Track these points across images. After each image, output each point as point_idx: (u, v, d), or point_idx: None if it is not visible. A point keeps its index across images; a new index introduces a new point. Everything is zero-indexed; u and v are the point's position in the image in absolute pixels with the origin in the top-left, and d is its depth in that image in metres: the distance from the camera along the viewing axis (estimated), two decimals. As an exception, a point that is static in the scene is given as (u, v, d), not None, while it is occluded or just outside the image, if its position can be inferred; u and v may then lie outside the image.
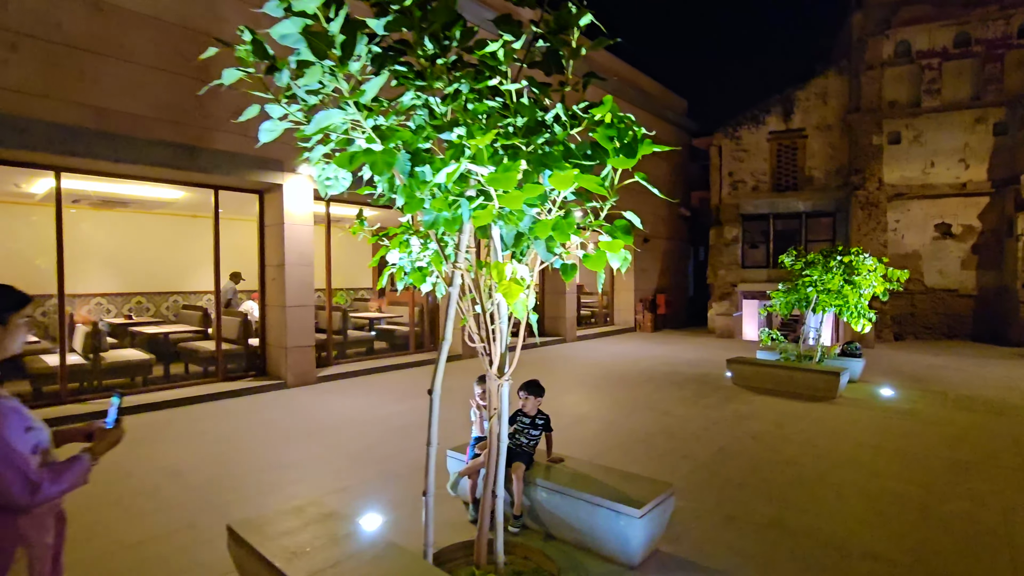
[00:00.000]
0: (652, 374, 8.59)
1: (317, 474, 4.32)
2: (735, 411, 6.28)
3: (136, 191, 7.76)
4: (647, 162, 15.32)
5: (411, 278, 3.19)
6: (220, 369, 7.44)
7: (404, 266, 3.21)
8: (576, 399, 7.05)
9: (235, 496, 3.84)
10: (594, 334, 13.67)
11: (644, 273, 15.55)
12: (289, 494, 3.86)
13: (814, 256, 7.54)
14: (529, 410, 3.45)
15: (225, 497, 3.81)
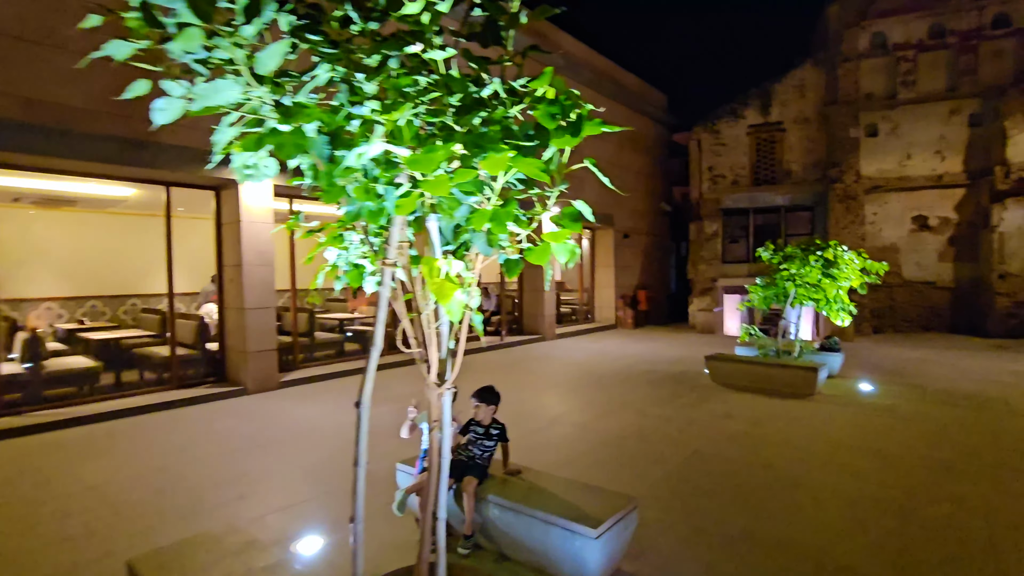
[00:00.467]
0: (630, 373, 8.38)
1: (265, 490, 4.01)
2: (711, 411, 6.07)
3: (82, 189, 7.33)
4: (625, 156, 15.13)
5: (348, 277, 2.90)
6: (175, 376, 7.06)
7: (340, 264, 2.93)
8: (550, 400, 6.80)
9: (163, 519, 3.51)
10: (574, 332, 13.45)
11: (625, 269, 15.36)
12: (225, 516, 3.54)
13: (791, 249, 7.37)
14: (482, 419, 3.17)
15: (150, 521, 3.48)
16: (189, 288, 10.52)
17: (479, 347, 10.73)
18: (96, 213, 9.23)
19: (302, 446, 4.97)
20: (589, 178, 13.96)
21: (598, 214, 13.19)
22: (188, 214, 9.69)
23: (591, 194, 14.19)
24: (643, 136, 16.26)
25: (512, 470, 3.21)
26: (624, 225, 15.27)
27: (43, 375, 6.22)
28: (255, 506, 3.70)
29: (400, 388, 7.02)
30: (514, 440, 5.08)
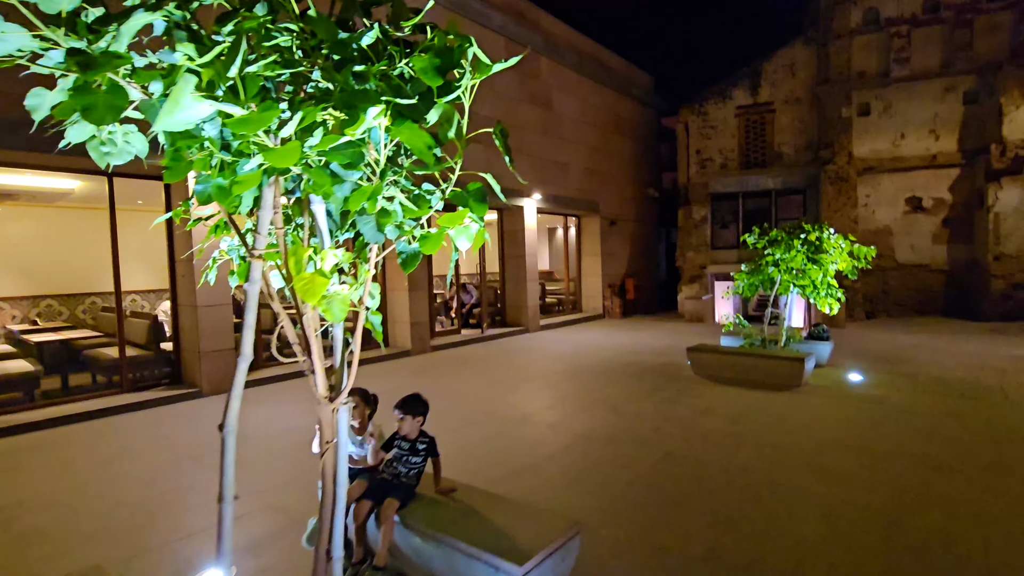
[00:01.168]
0: (612, 365, 8.01)
1: (184, 509, 3.62)
2: (691, 406, 5.70)
3: (18, 181, 6.86)
4: (611, 141, 14.66)
5: (237, 272, 2.50)
6: (125, 378, 6.65)
7: (232, 256, 2.53)
8: (522, 397, 6.43)
9: (64, 547, 3.13)
10: (560, 323, 13.07)
11: (612, 257, 14.96)
12: (132, 542, 3.15)
13: (776, 233, 6.97)
14: (408, 432, 2.78)
15: (49, 549, 3.09)
16: (157, 285, 10.10)
17: (458, 340, 10.35)
18: (45, 208, 8.76)
19: (244, 456, 4.57)
20: (575, 162, 13.55)
21: (582, 200, 12.82)
22: (148, 207, 9.25)
23: (576, 178, 13.80)
24: (629, 120, 15.78)
25: (444, 489, 2.83)
26: (611, 211, 14.84)
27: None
28: (167, 529, 3.31)
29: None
30: (474, 442, 4.74)
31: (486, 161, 10.82)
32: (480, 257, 11.59)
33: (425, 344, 9.55)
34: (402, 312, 9.46)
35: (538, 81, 12.25)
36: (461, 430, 5.06)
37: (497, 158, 11.09)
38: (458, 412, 5.68)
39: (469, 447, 4.57)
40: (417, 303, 9.42)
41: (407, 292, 9.33)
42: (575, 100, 13.49)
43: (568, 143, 13.24)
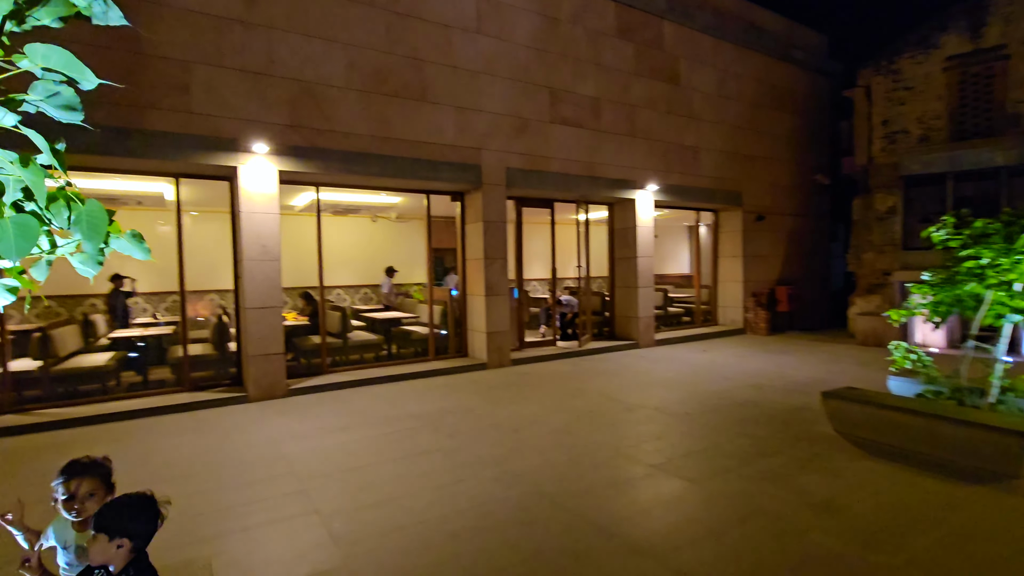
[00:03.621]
0: (722, 402, 6.03)
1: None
2: (806, 493, 3.70)
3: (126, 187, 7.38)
4: (762, 117, 11.99)
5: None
6: (186, 377, 6.71)
7: None
8: (564, 446, 4.92)
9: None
10: (682, 337, 10.95)
11: (759, 260, 12.24)
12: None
13: (983, 224, 4.41)
14: (104, 561, 1.57)
15: None
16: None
17: (548, 354, 9.06)
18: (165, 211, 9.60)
19: (228, 479, 3.94)
20: (708, 145, 11.27)
21: (717, 191, 10.62)
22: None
23: (709, 164, 11.47)
24: (788, 91, 12.80)
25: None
26: (758, 204, 12.13)
27: (57, 373, 6.23)
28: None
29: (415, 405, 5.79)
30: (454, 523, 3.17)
31: (589, 146, 9.34)
32: (581, 258, 10.11)
33: (504, 357, 8.44)
34: (478, 320, 8.48)
35: (660, 51, 10.33)
36: (457, 485, 3.83)
37: (602, 144, 9.53)
38: (471, 462, 4.43)
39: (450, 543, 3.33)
40: (495, 310, 8.35)
41: (483, 297, 8.31)
42: (711, 71, 11.20)
43: (700, 122, 11.03)
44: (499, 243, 8.40)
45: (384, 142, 7.34)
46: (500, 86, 8.34)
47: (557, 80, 8.97)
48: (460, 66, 7.95)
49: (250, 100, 6.44)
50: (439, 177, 7.82)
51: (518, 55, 8.53)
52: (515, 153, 8.53)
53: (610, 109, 9.62)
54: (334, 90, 6.97)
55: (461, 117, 7.98)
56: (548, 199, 9.63)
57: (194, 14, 6.13)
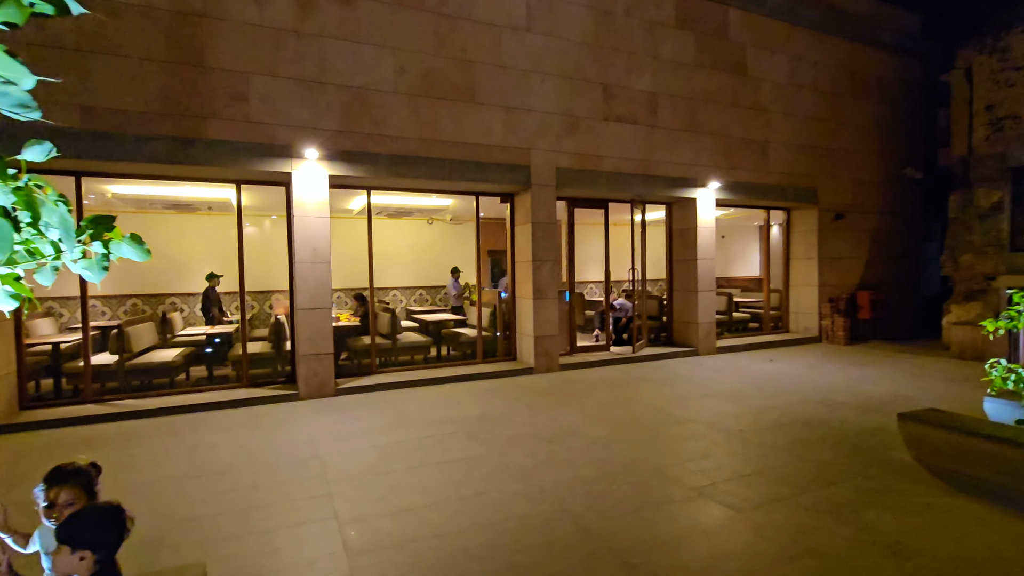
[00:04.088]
0: (783, 419, 5.51)
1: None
2: (872, 531, 3.24)
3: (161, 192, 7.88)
4: (843, 107, 11.04)
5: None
6: (245, 374, 7.03)
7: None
8: (594, 467, 4.63)
9: None
10: (747, 345, 10.24)
11: (837, 262, 11.24)
12: None
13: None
14: (67, 571, 1.55)
15: None
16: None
17: (599, 360, 8.75)
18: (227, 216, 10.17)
19: (242, 481, 4.05)
20: (779, 139, 10.48)
21: (789, 188, 9.93)
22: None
23: (779, 159, 10.65)
24: (874, 77, 11.67)
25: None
26: (836, 201, 11.15)
27: (131, 367, 6.71)
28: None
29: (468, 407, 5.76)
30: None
31: (644, 144, 8.96)
32: (636, 259, 9.69)
33: (552, 362, 8.23)
34: (526, 323, 8.32)
35: (724, 40, 9.73)
36: (479, 498, 3.69)
37: (659, 141, 9.11)
38: (498, 472, 4.28)
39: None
40: (544, 314, 8.16)
41: (531, 300, 8.15)
42: (782, 58, 10.41)
43: (769, 115, 10.28)
44: (549, 245, 8.20)
45: (432, 144, 7.36)
46: (550, 84, 8.15)
47: (611, 76, 8.64)
48: (509, 65, 7.84)
49: (303, 107, 6.65)
50: (487, 178, 7.74)
51: (569, 52, 8.29)
52: (566, 153, 8.30)
53: (668, 104, 9.16)
54: (383, 95, 7.06)
55: (510, 117, 7.86)
56: (601, 199, 9.31)
57: (252, 27, 6.41)
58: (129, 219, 10.11)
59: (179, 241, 10.48)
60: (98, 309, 9.92)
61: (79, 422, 5.82)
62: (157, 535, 3.23)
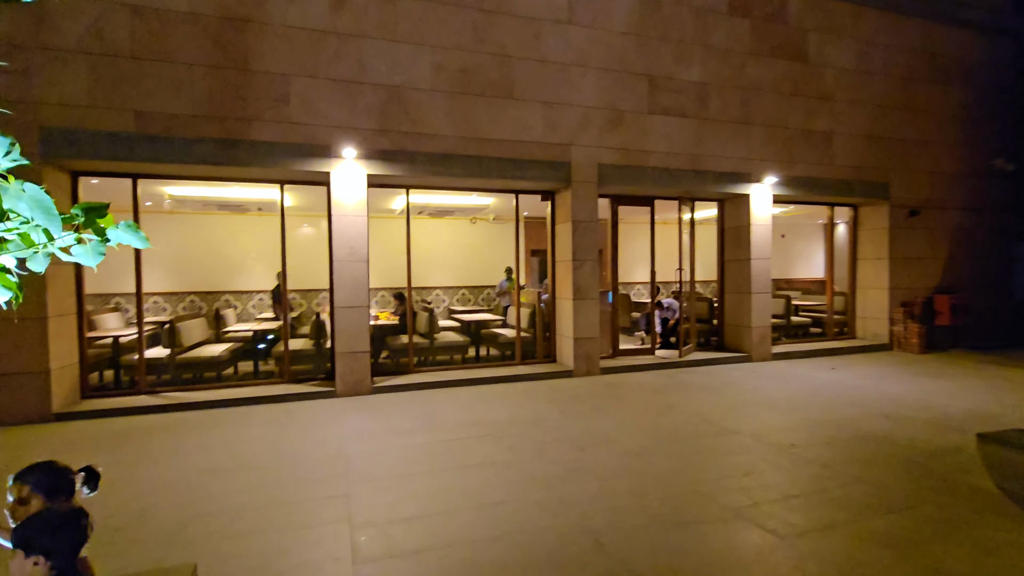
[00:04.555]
0: (842, 434, 5.01)
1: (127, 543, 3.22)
2: (940, 571, 2.81)
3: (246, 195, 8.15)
4: (919, 93, 10.13)
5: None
6: (287, 370, 7.19)
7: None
8: (625, 480, 4.34)
9: None
10: (807, 351, 9.54)
11: (911, 262, 10.30)
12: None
13: None
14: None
15: None
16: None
17: (643, 364, 8.39)
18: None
19: (283, 474, 4.07)
20: (844, 130, 9.71)
21: (856, 183, 9.31)
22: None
23: (845, 151, 9.85)
24: (955, 59, 10.61)
25: None
26: (911, 196, 10.22)
27: (182, 361, 7.01)
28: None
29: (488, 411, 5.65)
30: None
31: (694, 137, 8.52)
32: (684, 259, 9.23)
33: (592, 365, 7.94)
34: (566, 325, 8.07)
35: (782, 25, 9.10)
36: (498, 507, 3.52)
37: (709, 134, 8.64)
38: (521, 480, 4.09)
39: None
40: (584, 315, 7.89)
41: (571, 301, 7.90)
42: (849, 43, 9.64)
43: (833, 104, 9.54)
44: (589, 244, 7.92)
45: (469, 142, 7.27)
46: (592, 77, 7.87)
47: (657, 67, 8.26)
48: (549, 59, 7.63)
49: (342, 107, 6.71)
50: (526, 176, 7.56)
51: (613, 43, 7.99)
52: (608, 148, 8.00)
53: (719, 95, 8.66)
54: (420, 93, 7.03)
55: (549, 113, 7.65)
56: (647, 196, 8.93)
57: (294, 30, 6.53)
58: (186, 220, 10.66)
59: (233, 241, 10.93)
60: (159, 305, 10.50)
61: (132, 412, 6.11)
62: (175, 529, 3.27)
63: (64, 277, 6.16)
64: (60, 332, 6.00)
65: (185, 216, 10.58)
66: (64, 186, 6.26)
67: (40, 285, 5.74)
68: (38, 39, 5.71)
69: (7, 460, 4.56)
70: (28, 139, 5.69)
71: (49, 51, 5.75)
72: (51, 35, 5.74)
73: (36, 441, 5.10)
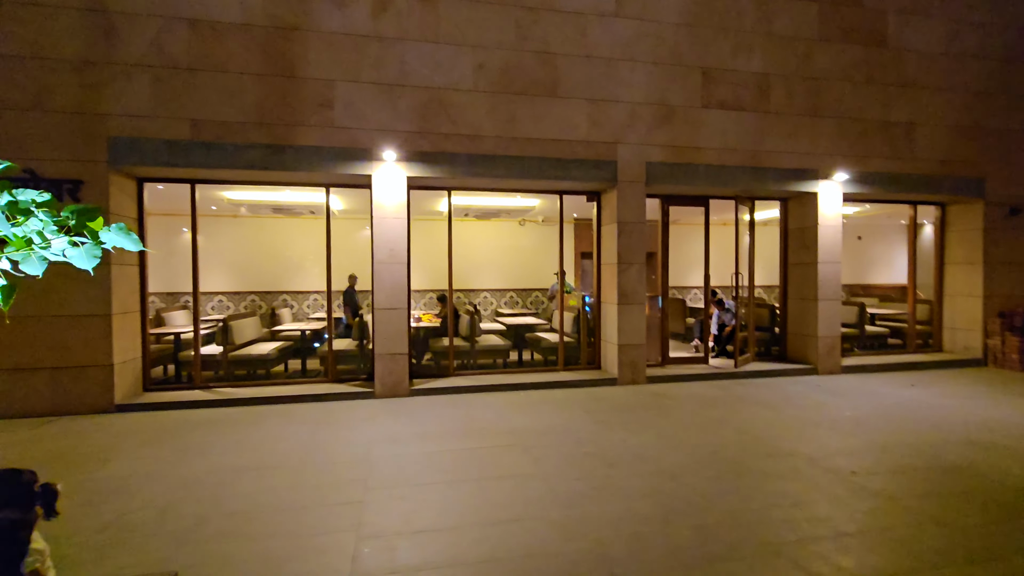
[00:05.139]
0: (917, 463, 4.42)
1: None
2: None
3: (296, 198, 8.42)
4: (1014, 77, 9.00)
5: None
6: (332, 369, 7.32)
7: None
8: (653, 503, 3.98)
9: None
10: (883, 365, 8.65)
11: (1011, 268, 9.13)
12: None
13: None
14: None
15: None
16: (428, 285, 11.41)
17: (694, 373, 7.91)
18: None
19: (305, 477, 4.09)
20: (929, 119, 8.74)
21: (944, 178, 8.48)
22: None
23: (930, 144, 8.85)
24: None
25: None
26: (1013, 193, 9.07)
27: (233, 358, 7.30)
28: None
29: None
30: None
31: (753, 132, 7.97)
32: (742, 262, 8.62)
33: (638, 373, 7.56)
34: (611, 331, 7.74)
35: (856, 7, 8.32)
36: (512, 524, 3.32)
37: (771, 128, 8.05)
38: (541, 497, 3.86)
39: None
40: (629, 320, 7.52)
41: (615, 306, 7.56)
42: (936, 24, 8.68)
43: (916, 91, 8.61)
44: (636, 246, 7.55)
45: (511, 142, 7.12)
46: (641, 72, 7.51)
47: (712, 58, 7.77)
48: (595, 55, 7.35)
49: (383, 110, 6.76)
50: (569, 176, 7.32)
51: (664, 35, 7.58)
52: (657, 145, 7.60)
53: (782, 86, 8.03)
54: (461, 94, 6.96)
55: (594, 110, 7.36)
56: (700, 196, 8.42)
57: (338, 36, 6.64)
58: (248, 223, 11.18)
59: (291, 243, 11.37)
60: (223, 304, 11.09)
61: (185, 407, 6.40)
62: (189, 528, 3.31)
63: (128, 277, 6.55)
64: (123, 329, 6.39)
65: (246, 220, 11.11)
66: (131, 192, 6.68)
67: (104, 285, 6.13)
68: (107, 55, 6.11)
69: (63, 448, 4.86)
70: (98, 149, 6.11)
71: (116, 66, 6.14)
72: (118, 51, 6.13)
73: (93, 430, 5.43)
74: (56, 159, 6.02)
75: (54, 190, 6.00)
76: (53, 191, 6.00)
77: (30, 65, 5.96)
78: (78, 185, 6.08)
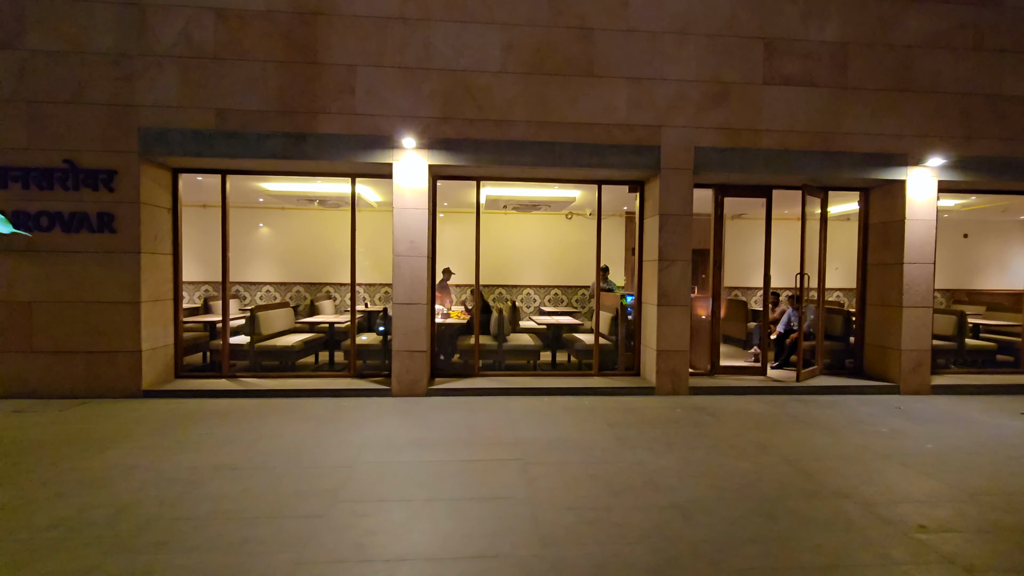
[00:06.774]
0: (1018, 520, 3.48)
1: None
2: None
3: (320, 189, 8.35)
4: None
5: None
6: (353, 364, 7.17)
7: None
8: (654, 547, 3.30)
9: None
10: (983, 386, 7.28)
11: None
12: None
13: None
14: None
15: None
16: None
17: (747, 385, 7.03)
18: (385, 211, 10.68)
19: (289, 481, 3.85)
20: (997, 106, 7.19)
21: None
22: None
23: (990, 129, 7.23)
24: None
25: None
26: None
27: (259, 349, 7.32)
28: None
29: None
30: None
31: (825, 111, 6.95)
32: (808, 261, 7.55)
33: (679, 383, 6.79)
34: (649, 335, 7.01)
35: (963, -41, 6.99)
36: (481, 561, 2.85)
37: (848, 106, 6.98)
38: (524, 528, 3.33)
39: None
40: (669, 324, 6.77)
41: (655, 307, 6.82)
42: (1071, -27, 7.13)
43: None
44: (680, 241, 6.78)
45: (541, 127, 6.58)
46: (691, 46, 6.70)
47: (777, 28, 6.80)
48: (638, 28, 6.63)
49: (406, 96, 6.45)
50: (606, 163, 6.67)
51: (718, 3, 6.72)
52: (709, 128, 6.76)
53: (864, 57, 6.90)
54: (488, 76, 6.51)
55: (636, 90, 6.66)
56: (761, 185, 7.46)
57: (361, 18, 6.39)
58: (292, 215, 11.35)
59: (334, 235, 11.43)
60: (271, 294, 11.37)
61: (208, 395, 6.45)
62: (135, 531, 3.11)
63: (160, 267, 6.69)
64: (153, 316, 6.52)
65: (292, 212, 11.30)
66: (165, 183, 6.82)
67: (134, 272, 6.26)
68: (139, 47, 6.22)
69: (76, 432, 4.95)
70: (130, 139, 6.25)
71: (148, 57, 6.24)
72: (149, 42, 6.23)
73: (113, 415, 5.53)
74: (93, 150, 6.21)
75: (91, 180, 6.20)
76: (90, 180, 6.21)
77: (72, 60, 6.18)
78: (112, 175, 6.24)
